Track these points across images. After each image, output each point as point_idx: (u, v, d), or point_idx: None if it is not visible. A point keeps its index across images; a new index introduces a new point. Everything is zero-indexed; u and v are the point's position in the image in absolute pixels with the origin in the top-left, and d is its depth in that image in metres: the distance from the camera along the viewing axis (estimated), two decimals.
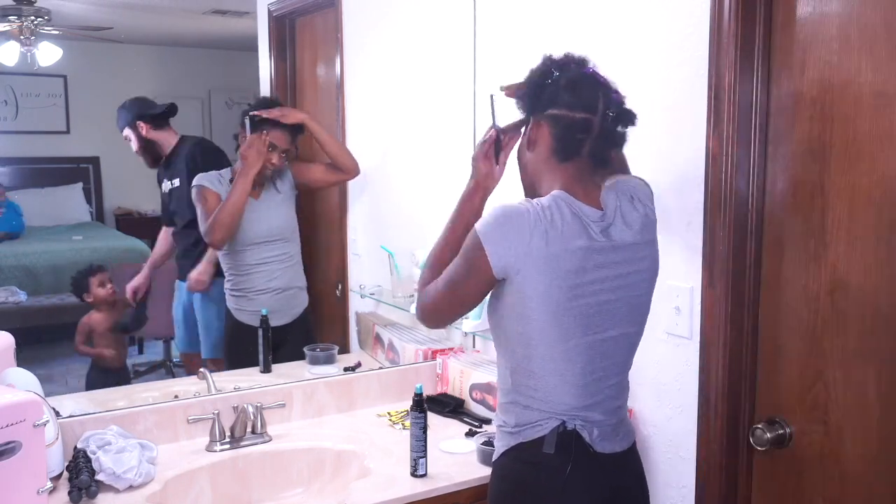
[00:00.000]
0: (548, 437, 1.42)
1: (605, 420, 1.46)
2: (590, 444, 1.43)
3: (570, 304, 1.38)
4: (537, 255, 1.35)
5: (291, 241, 2.49)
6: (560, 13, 2.00)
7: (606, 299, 1.42)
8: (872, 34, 1.41)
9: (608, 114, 1.40)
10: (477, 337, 2.39)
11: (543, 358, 1.41)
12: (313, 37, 2.74)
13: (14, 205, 2.38)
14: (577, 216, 1.39)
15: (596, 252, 1.39)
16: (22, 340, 1.82)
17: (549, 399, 1.43)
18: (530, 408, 1.45)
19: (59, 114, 2.40)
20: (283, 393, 2.14)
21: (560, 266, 1.36)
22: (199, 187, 2.33)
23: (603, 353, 1.44)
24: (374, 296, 2.66)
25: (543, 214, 1.36)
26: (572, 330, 1.40)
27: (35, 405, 1.45)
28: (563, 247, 1.36)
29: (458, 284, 1.44)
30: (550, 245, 1.35)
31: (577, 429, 1.43)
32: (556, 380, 1.42)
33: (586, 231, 1.38)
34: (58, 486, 1.67)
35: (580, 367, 1.42)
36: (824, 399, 1.55)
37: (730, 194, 1.60)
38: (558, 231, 1.36)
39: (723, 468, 1.68)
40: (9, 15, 2.15)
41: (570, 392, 1.43)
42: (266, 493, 1.94)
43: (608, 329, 1.44)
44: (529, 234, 1.35)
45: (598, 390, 1.45)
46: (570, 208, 1.39)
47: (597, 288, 1.40)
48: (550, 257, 1.35)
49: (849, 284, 1.48)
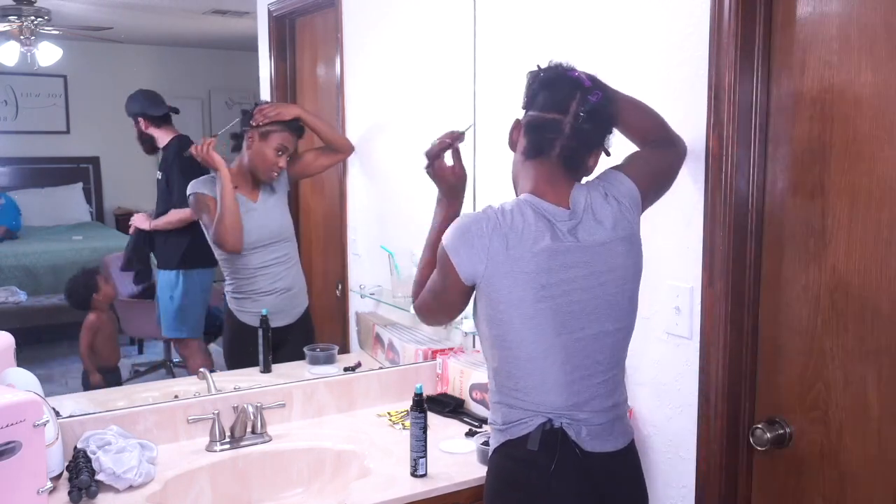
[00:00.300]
0: (532, 434, 1.44)
1: (593, 419, 1.46)
2: (576, 442, 1.44)
3: (540, 306, 1.40)
4: (499, 260, 1.38)
5: (290, 240, 2.49)
6: (560, 13, 2.00)
7: (578, 299, 1.43)
8: (872, 34, 1.41)
9: (580, 115, 1.41)
10: (477, 337, 2.39)
11: (520, 359, 1.44)
12: (313, 37, 2.74)
13: (12, 201, 2.38)
14: (542, 217, 1.41)
15: (562, 253, 1.40)
16: (22, 340, 1.82)
17: (532, 399, 1.45)
18: (514, 407, 1.47)
19: (59, 114, 2.40)
20: (283, 393, 2.14)
21: (523, 268, 1.38)
22: (196, 195, 2.30)
23: (582, 352, 1.45)
24: (374, 296, 2.66)
25: (503, 219, 1.39)
26: (545, 330, 1.41)
27: (35, 405, 1.45)
28: (524, 249, 1.38)
29: (439, 294, 1.50)
30: (511, 248, 1.38)
31: (564, 427, 1.44)
32: (535, 380, 1.44)
33: (552, 231, 1.40)
34: (58, 486, 1.67)
35: (558, 367, 1.43)
36: (824, 399, 1.55)
37: (730, 194, 1.60)
38: (518, 234, 1.38)
39: (723, 468, 1.68)
40: (9, 15, 2.15)
41: (552, 391, 1.44)
42: (266, 493, 1.94)
43: (584, 328, 1.44)
44: (488, 239, 1.38)
45: (584, 389, 1.46)
46: (535, 210, 1.41)
47: (566, 288, 1.41)
48: (512, 260, 1.38)
49: (849, 284, 1.48)
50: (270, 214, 2.42)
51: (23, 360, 1.80)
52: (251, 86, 2.63)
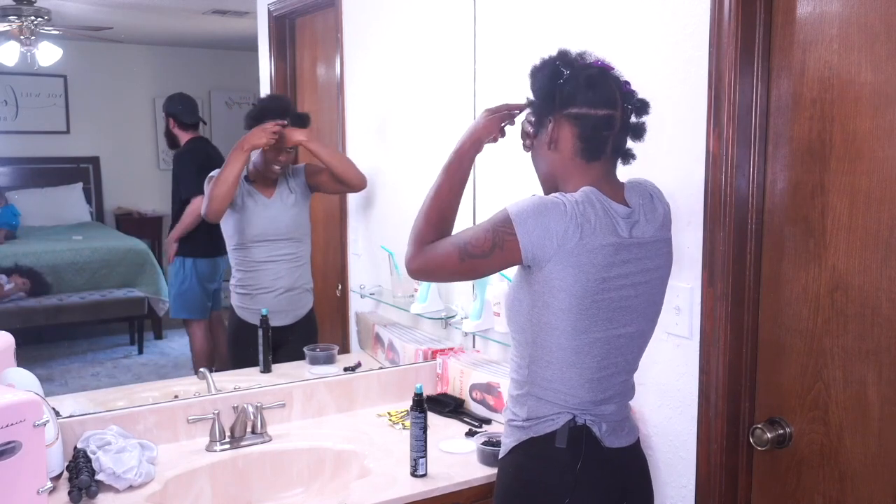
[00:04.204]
0: (559, 431, 1.44)
1: (613, 415, 1.48)
2: (599, 438, 1.45)
3: (597, 298, 1.40)
4: (571, 248, 1.36)
5: (302, 242, 2.50)
6: (560, 13, 2.00)
7: (628, 294, 1.43)
8: (872, 34, 1.41)
9: (626, 107, 1.42)
10: (477, 337, 2.39)
11: (563, 349, 1.42)
12: (313, 37, 2.74)
13: (10, 206, 2.38)
14: (608, 212, 1.40)
15: (624, 248, 1.41)
16: (22, 340, 1.81)
17: (564, 391, 1.44)
18: (544, 400, 1.46)
19: (59, 114, 2.40)
20: (283, 393, 2.14)
21: (592, 260, 1.38)
22: (210, 178, 2.35)
23: (619, 349, 1.46)
24: (374, 296, 2.66)
25: (578, 209, 1.38)
26: (595, 323, 1.41)
27: (35, 405, 1.45)
28: (595, 241, 1.37)
29: (474, 256, 1.42)
30: (584, 239, 1.37)
31: (588, 423, 1.45)
32: (572, 372, 1.44)
33: (615, 227, 1.40)
34: (58, 486, 1.67)
35: (597, 362, 1.44)
36: (824, 399, 1.55)
37: (730, 194, 1.60)
38: (592, 226, 1.37)
39: (723, 468, 1.68)
40: (9, 15, 2.15)
41: (584, 386, 1.44)
42: (266, 493, 1.94)
43: (627, 325, 1.45)
44: (565, 226, 1.36)
45: (610, 386, 1.47)
46: (602, 204, 1.41)
47: (621, 283, 1.42)
48: (583, 251, 1.37)
49: (849, 284, 1.48)
50: (282, 212, 2.44)
51: (23, 360, 1.80)
52: (251, 86, 2.63)
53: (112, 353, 2.53)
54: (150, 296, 2.49)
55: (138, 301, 2.48)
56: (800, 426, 1.60)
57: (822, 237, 1.52)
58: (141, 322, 2.56)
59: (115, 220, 2.55)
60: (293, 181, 2.46)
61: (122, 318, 2.56)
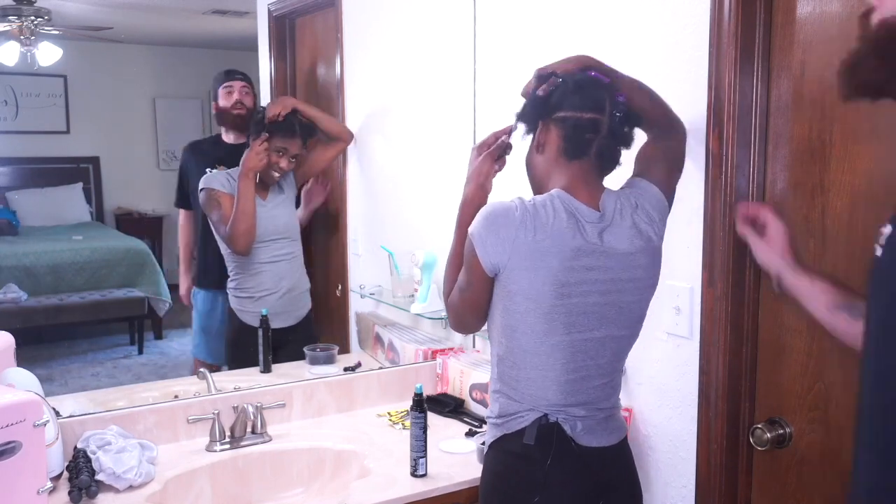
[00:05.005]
0: (528, 428, 1.45)
1: (590, 417, 1.48)
2: (572, 437, 1.45)
3: (557, 302, 1.40)
4: (524, 250, 1.37)
5: (296, 240, 2.51)
6: (560, 13, 2.00)
7: (595, 301, 1.43)
8: None
9: (615, 114, 1.43)
10: (477, 337, 2.39)
11: (526, 351, 1.44)
12: (313, 37, 2.74)
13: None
14: (573, 215, 1.40)
15: (586, 253, 1.40)
16: (22, 340, 1.82)
17: (531, 392, 1.46)
18: (513, 399, 1.48)
19: (59, 114, 2.40)
20: (283, 393, 2.14)
21: (547, 263, 1.38)
22: (208, 190, 2.33)
23: (586, 353, 1.45)
24: (374, 296, 2.66)
25: (533, 210, 1.38)
26: (556, 327, 1.42)
27: (35, 405, 1.45)
28: (551, 243, 1.38)
29: (464, 290, 1.49)
30: (538, 240, 1.37)
31: (560, 421, 1.45)
32: (537, 374, 1.45)
33: (580, 231, 1.40)
34: (58, 486, 1.67)
35: (561, 364, 1.44)
36: (824, 399, 1.55)
37: (730, 194, 1.60)
38: (547, 227, 1.38)
39: (723, 468, 1.68)
40: (9, 15, 2.15)
41: (551, 388, 1.45)
42: (266, 493, 1.94)
43: (593, 329, 1.45)
44: (515, 229, 1.37)
45: (582, 390, 1.46)
46: (566, 206, 1.41)
47: (585, 289, 1.41)
48: (537, 252, 1.37)
49: (849, 284, 1.48)
50: (277, 212, 2.44)
51: (23, 360, 1.80)
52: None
53: (112, 353, 2.53)
54: (150, 296, 2.49)
55: (138, 301, 2.48)
56: (800, 426, 1.60)
57: (822, 237, 1.52)
58: (141, 322, 2.56)
59: (115, 220, 2.55)
60: (283, 181, 2.46)
61: (122, 318, 2.56)
